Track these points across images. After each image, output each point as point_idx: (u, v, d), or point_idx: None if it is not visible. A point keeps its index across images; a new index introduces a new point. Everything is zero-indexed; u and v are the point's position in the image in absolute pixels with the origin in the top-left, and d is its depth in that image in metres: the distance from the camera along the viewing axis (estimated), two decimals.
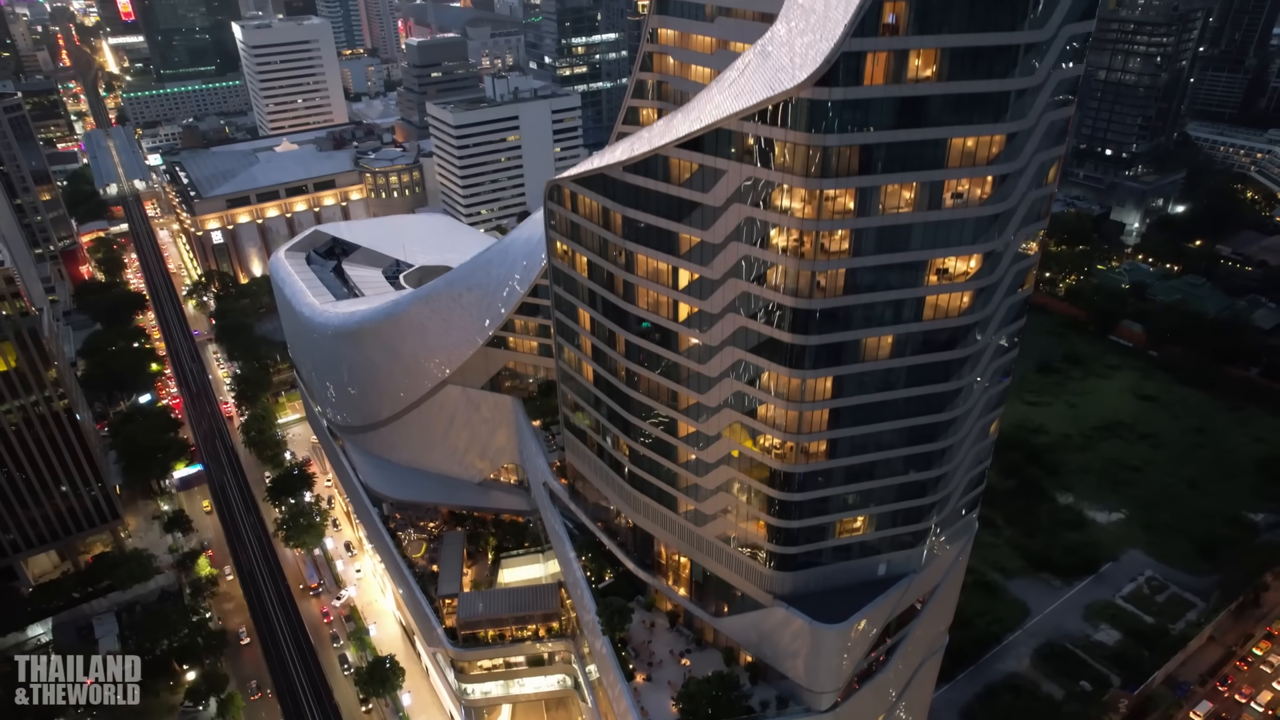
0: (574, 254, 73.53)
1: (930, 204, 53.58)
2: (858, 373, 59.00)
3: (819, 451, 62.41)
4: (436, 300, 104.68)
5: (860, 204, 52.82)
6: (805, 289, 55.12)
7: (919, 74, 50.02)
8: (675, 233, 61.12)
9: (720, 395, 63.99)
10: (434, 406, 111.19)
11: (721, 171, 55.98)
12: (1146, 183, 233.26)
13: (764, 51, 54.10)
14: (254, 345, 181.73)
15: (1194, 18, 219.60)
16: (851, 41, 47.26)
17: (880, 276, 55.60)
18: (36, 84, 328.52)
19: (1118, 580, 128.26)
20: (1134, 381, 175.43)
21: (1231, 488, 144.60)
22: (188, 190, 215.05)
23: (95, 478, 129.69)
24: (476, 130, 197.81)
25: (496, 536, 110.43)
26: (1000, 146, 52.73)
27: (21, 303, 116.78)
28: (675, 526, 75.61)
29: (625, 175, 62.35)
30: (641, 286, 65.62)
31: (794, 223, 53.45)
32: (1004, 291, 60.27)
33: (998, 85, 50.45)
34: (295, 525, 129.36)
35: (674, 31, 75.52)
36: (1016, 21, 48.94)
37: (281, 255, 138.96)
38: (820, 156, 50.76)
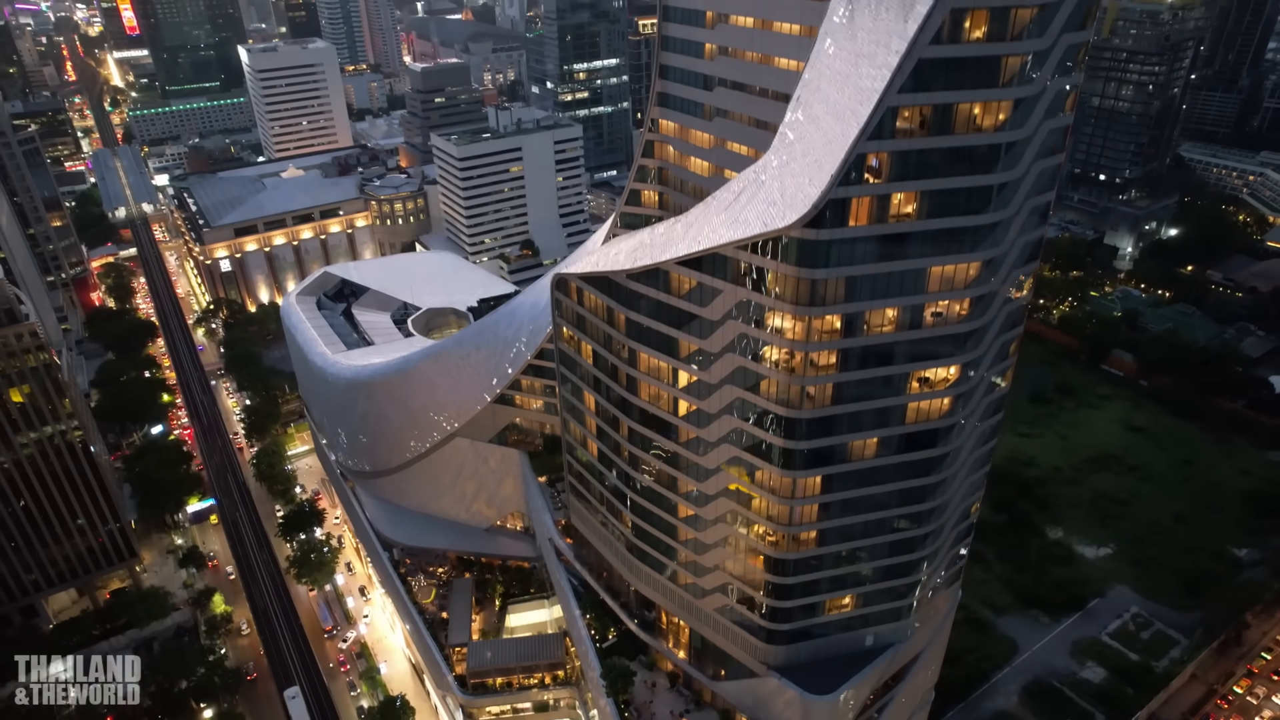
0: (580, 341, 77.62)
1: (912, 324, 57.61)
2: (845, 471, 63.07)
3: (809, 539, 66.54)
4: (446, 358, 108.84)
5: (846, 326, 56.85)
6: (796, 400, 59.21)
7: (900, 211, 54.00)
8: (675, 338, 65.17)
9: (717, 485, 68.13)
10: (443, 456, 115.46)
11: (718, 290, 60.08)
12: (1140, 208, 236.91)
13: (758, 180, 58.05)
14: (263, 376, 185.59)
15: (1185, 47, 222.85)
16: (838, 189, 51.23)
17: (865, 388, 59.64)
18: (44, 103, 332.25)
19: (1104, 617, 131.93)
20: (1124, 412, 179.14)
21: (1217, 522, 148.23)
22: (196, 218, 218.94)
23: (112, 515, 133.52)
24: (480, 162, 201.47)
25: (503, 583, 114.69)
26: (977, 271, 56.73)
27: (46, 354, 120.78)
28: (675, 596, 79.84)
29: (629, 282, 66.38)
30: (643, 381, 69.70)
31: (785, 342, 57.56)
32: (981, 394, 64.31)
33: (973, 220, 54.40)
34: (307, 562, 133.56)
35: (674, 124, 79.45)
36: (990, 166, 52.88)
37: (293, 299, 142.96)
38: (809, 287, 54.79)
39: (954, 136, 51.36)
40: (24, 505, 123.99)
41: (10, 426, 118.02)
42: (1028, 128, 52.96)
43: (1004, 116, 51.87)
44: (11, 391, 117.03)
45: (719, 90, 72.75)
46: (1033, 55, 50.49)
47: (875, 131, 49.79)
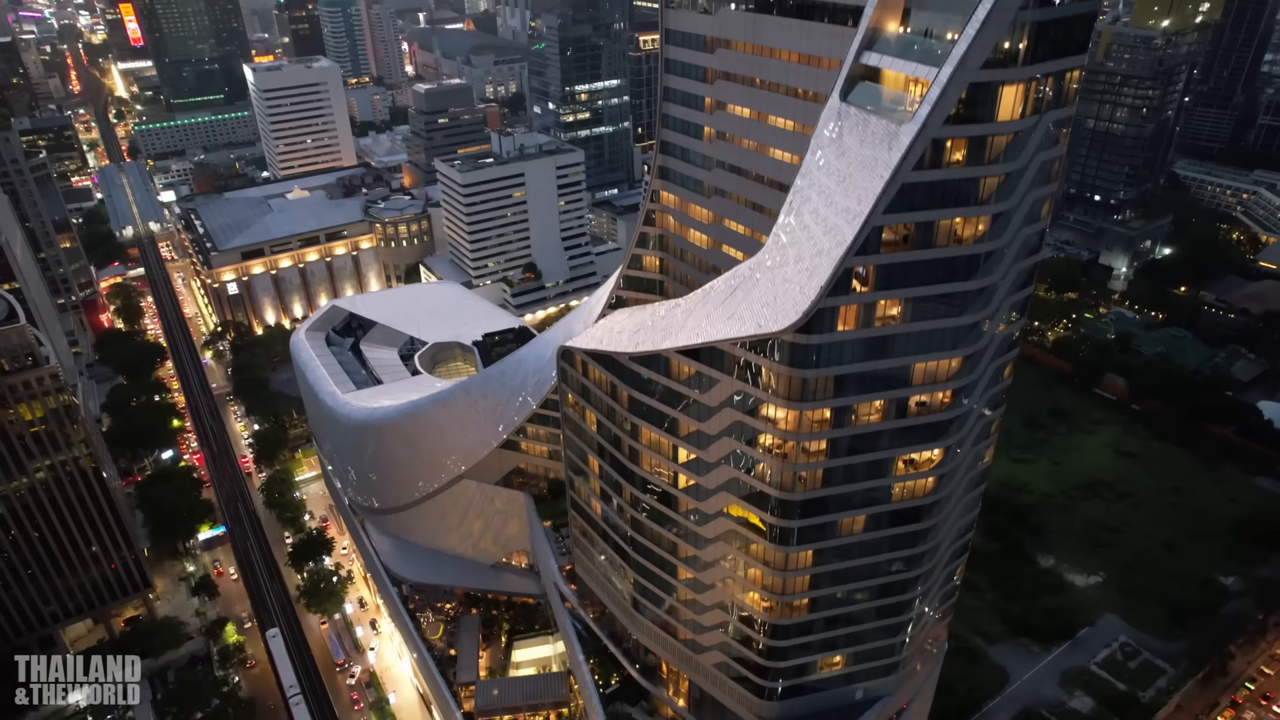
0: (584, 409, 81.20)
1: (897, 414, 61.15)
2: (834, 546, 66.70)
3: (801, 605, 70.17)
4: (454, 404, 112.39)
5: (836, 418, 60.39)
6: (788, 483, 62.80)
7: (886, 314, 57.49)
8: (675, 418, 68.76)
9: (714, 553, 71.79)
10: (450, 496, 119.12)
11: (716, 380, 63.61)
12: (1134, 228, 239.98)
13: (752, 277, 61.55)
14: (270, 400, 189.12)
15: (1179, 71, 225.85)
16: (826, 300, 54.73)
17: (854, 471, 63.20)
18: (52, 120, 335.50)
19: (1093, 646, 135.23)
20: (1116, 437, 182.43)
21: (1205, 550, 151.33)
22: (204, 241, 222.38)
23: (126, 543, 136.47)
24: (484, 188, 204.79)
25: (509, 620, 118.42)
26: (959, 365, 60.23)
27: (66, 396, 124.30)
28: (674, 649, 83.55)
29: (631, 363, 69.94)
30: (644, 453, 73.28)
31: (778, 432, 61.13)
32: (963, 473, 67.91)
33: (955, 322, 57.87)
34: (317, 591, 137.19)
35: (675, 197, 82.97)
36: (971, 274, 56.37)
37: (302, 336, 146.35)
38: (800, 384, 58.32)
39: (936, 249, 54.85)
40: (39, 535, 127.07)
41: (25, 454, 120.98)
42: (1006, 237, 56.44)
43: (983, 229, 55.35)
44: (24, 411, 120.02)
45: (717, 171, 76.29)
46: (1009, 174, 53.94)
47: (862, 247, 53.26)
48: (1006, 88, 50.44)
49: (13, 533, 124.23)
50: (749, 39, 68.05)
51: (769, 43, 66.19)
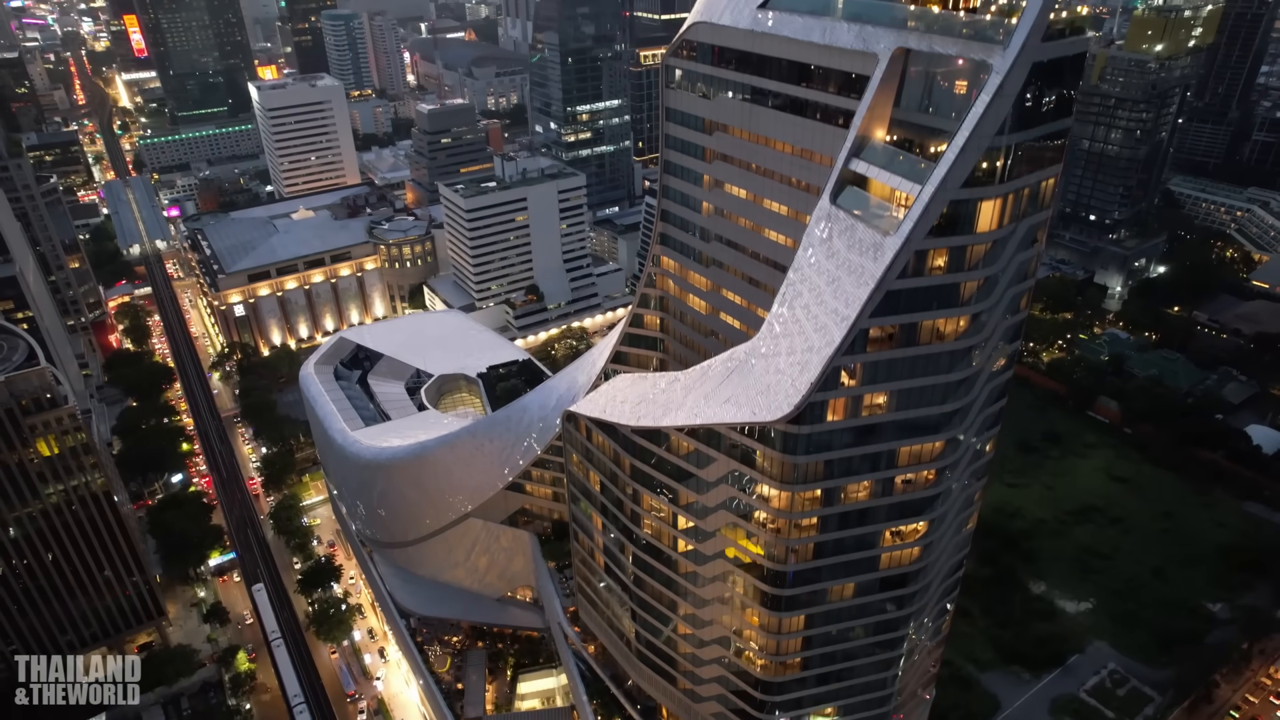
0: (588, 470, 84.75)
1: (884, 493, 64.63)
2: (825, 610, 70.27)
3: (793, 664, 73.77)
4: (461, 447, 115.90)
5: (825, 497, 63.91)
6: (781, 556, 66.33)
7: (872, 403, 60.95)
8: (675, 488, 72.28)
9: (712, 614, 75.33)
10: (457, 533, 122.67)
11: (713, 458, 67.10)
12: (1128, 247, 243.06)
13: (748, 363, 64.99)
14: (278, 424, 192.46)
15: (1172, 94, 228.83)
16: (816, 395, 58.17)
17: (843, 545, 66.71)
18: (59, 135, 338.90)
19: (1083, 673, 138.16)
20: (1109, 461, 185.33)
21: (1193, 576, 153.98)
22: (210, 263, 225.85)
23: (139, 569, 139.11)
24: (487, 213, 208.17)
25: (515, 654, 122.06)
26: (941, 447, 63.68)
27: (83, 435, 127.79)
28: (674, 696, 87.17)
29: (633, 435, 73.46)
30: (646, 517, 76.83)
31: (771, 510, 64.65)
32: (949, 539, 71.43)
33: (938, 410, 61.33)
34: (326, 619, 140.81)
35: (674, 263, 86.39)
36: (952, 367, 59.78)
37: (311, 369, 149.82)
38: (792, 468, 61.79)
39: (919, 347, 58.27)
40: (53, 560, 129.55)
41: (39, 479, 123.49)
42: (986, 331, 59.84)
43: (964, 325, 58.75)
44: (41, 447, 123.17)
45: (715, 244, 79.68)
46: (988, 278, 57.36)
47: (849, 347, 56.66)
48: (985, 202, 53.81)
49: (26, 559, 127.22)
50: (745, 126, 71.40)
51: (764, 132, 69.56)
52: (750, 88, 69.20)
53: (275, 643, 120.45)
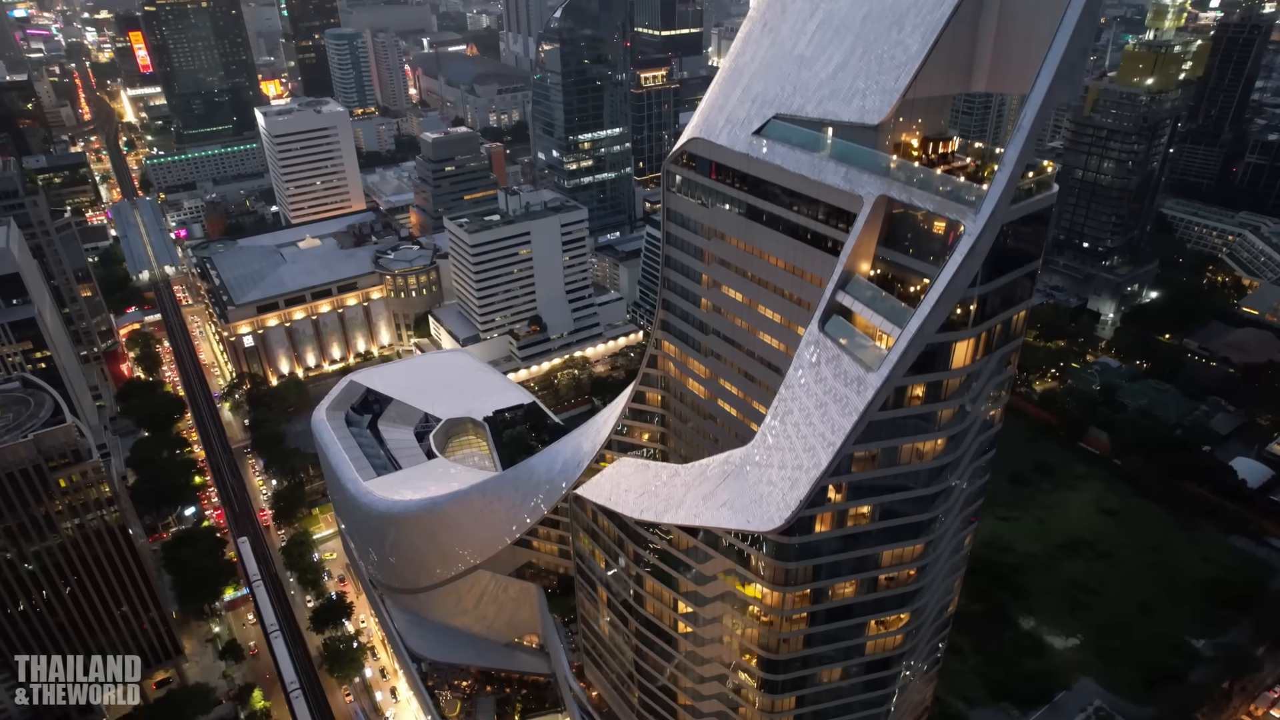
0: (594, 549, 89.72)
1: (869, 590, 69.55)
2: (815, 691, 75.29)
3: None
4: (470, 503, 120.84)
5: (814, 596, 68.83)
6: (774, 646, 71.28)
7: (857, 514, 65.81)
8: (675, 577, 77.23)
9: (710, 690, 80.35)
10: (467, 582, 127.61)
11: (710, 556, 72.03)
12: (1121, 274, 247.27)
13: (743, 469, 69.76)
14: (288, 456, 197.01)
15: (1163, 126, 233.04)
16: (805, 510, 63.01)
17: (831, 635, 71.67)
18: (67, 158, 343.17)
19: (1069, 710, 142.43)
20: (1099, 493, 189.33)
21: (1178, 612, 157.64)
22: (219, 293, 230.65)
23: (155, 606, 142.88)
24: (491, 247, 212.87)
25: (522, 699, 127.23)
26: (922, 549, 68.56)
27: (106, 488, 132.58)
28: None
29: (636, 526, 78.33)
30: (648, 599, 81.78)
31: (764, 607, 69.55)
32: (929, 624, 76.37)
33: (917, 518, 66.17)
34: (339, 656, 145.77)
35: (675, 348, 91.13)
36: (931, 482, 64.59)
37: (323, 415, 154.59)
38: (783, 572, 66.69)
39: (900, 466, 63.04)
40: (70, 593, 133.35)
41: (57, 518, 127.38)
42: (961, 449, 64.64)
43: (941, 445, 63.53)
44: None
45: (713, 337, 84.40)
46: (963, 405, 62.14)
47: (835, 470, 61.45)
48: (959, 343, 58.52)
49: (45, 592, 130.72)
50: (741, 237, 76.02)
51: (759, 245, 74.16)
52: (746, 204, 73.79)
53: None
